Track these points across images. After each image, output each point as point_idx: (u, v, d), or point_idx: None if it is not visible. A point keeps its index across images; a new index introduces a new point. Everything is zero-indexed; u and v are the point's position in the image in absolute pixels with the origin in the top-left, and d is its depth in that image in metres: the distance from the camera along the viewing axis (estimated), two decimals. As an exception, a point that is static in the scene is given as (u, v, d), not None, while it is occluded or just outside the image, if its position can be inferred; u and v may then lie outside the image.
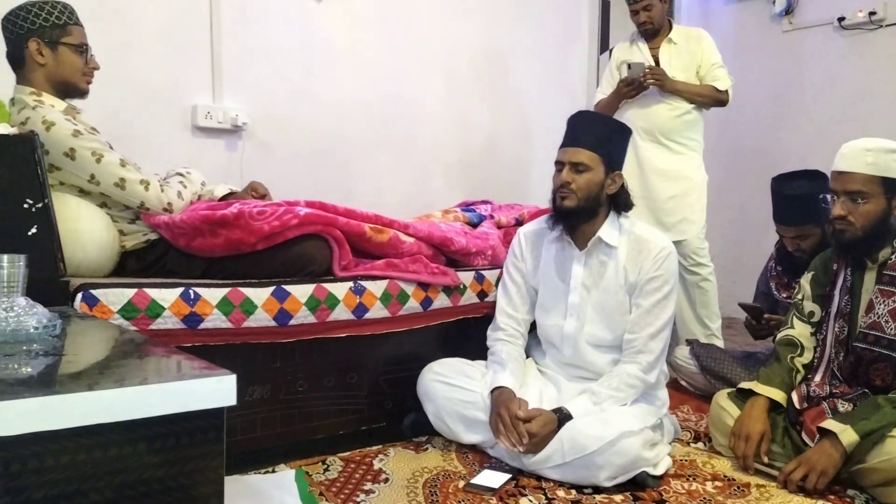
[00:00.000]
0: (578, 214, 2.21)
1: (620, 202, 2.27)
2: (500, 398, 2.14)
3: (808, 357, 2.28)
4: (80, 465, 0.95)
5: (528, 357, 2.42)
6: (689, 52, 3.31)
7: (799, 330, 2.32)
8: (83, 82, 2.21)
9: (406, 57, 3.85)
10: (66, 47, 2.15)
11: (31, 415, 0.92)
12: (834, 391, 2.18)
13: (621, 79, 3.32)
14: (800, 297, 2.35)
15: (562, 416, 2.07)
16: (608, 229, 2.24)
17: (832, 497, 1.99)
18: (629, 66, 3.26)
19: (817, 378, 2.23)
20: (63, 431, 0.93)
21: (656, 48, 3.35)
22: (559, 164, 2.23)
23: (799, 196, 2.58)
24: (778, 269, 2.85)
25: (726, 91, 3.29)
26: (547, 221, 2.32)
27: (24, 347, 1.23)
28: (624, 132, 2.33)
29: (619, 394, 2.14)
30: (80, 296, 1.83)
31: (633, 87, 3.27)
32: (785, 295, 2.76)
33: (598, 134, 2.22)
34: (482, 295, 2.54)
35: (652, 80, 3.22)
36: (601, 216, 2.25)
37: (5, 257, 1.43)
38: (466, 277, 2.51)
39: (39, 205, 1.82)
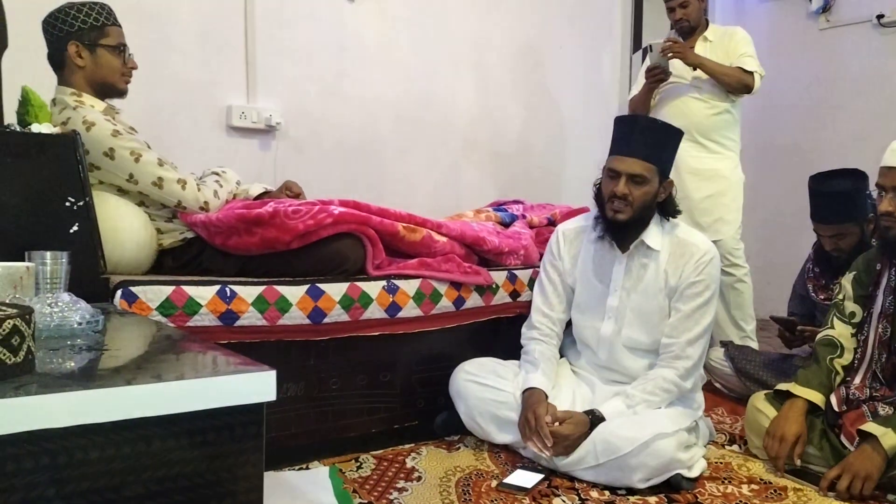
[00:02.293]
0: (631, 226, 2.18)
1: (667, 209, 2.23)
2: (530, 400, 2.13)
3: (847, 359, 2.24)
4: (123, 458, 0.97)
5: (561, 357, 2.40)
6: (724, 50, 3.27)
7: (839, 330, 2.27)
8: (122, 83, 2.24)
9: (438, 56, 3.86)
10: (104, 49, 2.18)
11: (76, 408, 0.94)
12: (874, 394, 2.14)
13: (647, 68, 3.28)
14: (840, 297, 2.31)
15: (594, 418, 2.06)
16: (652, 232, 2.21)
17: (872, 502, 1.95)
18: (650, 47, 3.21)
19: (857, 380, 2.19)
20: (107, 425, 0.95)
21: (692, 46, 3.31)
22: (614, 173, 2.15)
23: (838, 193, 2.52)
24: (815, 271, 2.80)
25: (752, 74, 3.18)
26: (595, 226, 2.25)
27: (68, 342, 1.25)
28: (677, 136, 2.24)
29: (654, 398, 2.12)
30: (119, 292, 1.86)
31: (657, 72, 3.23)
32: (822, 297, 2.71)
33: (654, 142, 2.15)
34: (515, 294, 2.53)
35: (672, 54, 3.17)
36: (648, 221, 2.21)
37: (48, 254, 1.46)
38: (499, 277, 2.51)
39: (81, 203, 1.85)
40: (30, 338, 1.01)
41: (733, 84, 3.20)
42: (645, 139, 2.14)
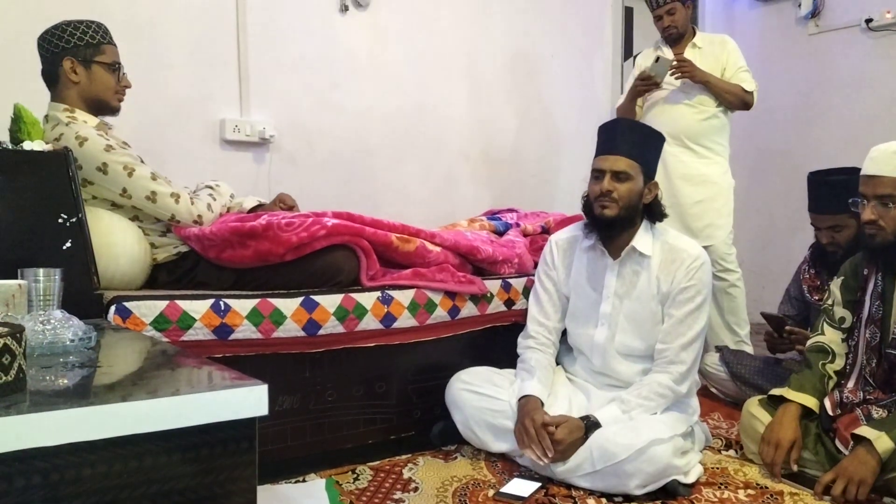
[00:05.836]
0: (618, 224, 2.19)
1: (654, 212, 2.25)
2: (526, 408, 2.13)
3: (839, 364, 2.24)
4: (116, 475, 0.97)
5: (557, 364, 2.41)
6: (714, 57, 3.29)
7: (829, 336, 2.28)
8: (115, 100, 2.25)
9: (430, 66, 3.88)
10: (99, 66, 2.19)
11: (68, 425, 0.94)
12: (868, 397, 2.14)
13: (641, 72, 3.29)
14: (830, 302, 2.32)
15: (589, 424, 2.06)
16: (642, 238, 2.22)
17: (868, 505, 1.96)
18: (657, 58, 3.22)
19: (850, 384, 2.20)
20: (99, 442, 0.96)
21: (680, 53, 3.33)
22: (598, 172, 2.20)
23: (837, 182, 2.54)
24: (811, 272, 2.81)
25: (752, 93, 3.27)
26: (582, 229, 2.29)
27: (61, 359, 1.25)
28: (659, 139, 2.31)
29: (649, 403, 2.13)
30: (113, 308, 1.86)
31: (650, 82, 3.25)
32: (817, 298, 2.71)
33: (636, 141, 2.20)
34: (509, 303, 2.54)
35: (680, 74, 3.20)
36: (636, 226, 2.23)
37: (41, 271, 1.46)
38: (493, 286, 2.51)
39: (73, 219, 1.86)
40: (21, 356, 1.01)
41: (735, 102, 3.27)
42: (627, 138, 2.19)
